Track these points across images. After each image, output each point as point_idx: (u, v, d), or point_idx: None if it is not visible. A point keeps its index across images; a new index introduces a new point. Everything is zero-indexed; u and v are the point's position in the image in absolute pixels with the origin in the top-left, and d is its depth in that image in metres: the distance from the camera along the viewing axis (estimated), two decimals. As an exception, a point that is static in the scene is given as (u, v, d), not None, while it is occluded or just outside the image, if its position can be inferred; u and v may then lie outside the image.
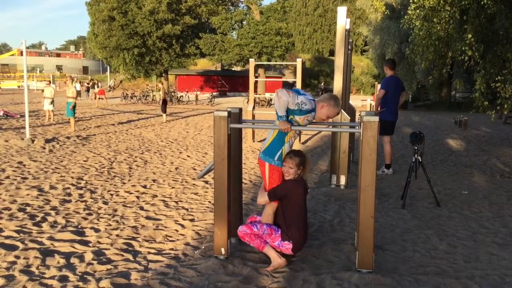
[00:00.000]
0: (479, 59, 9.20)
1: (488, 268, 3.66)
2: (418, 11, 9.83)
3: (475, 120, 19.08)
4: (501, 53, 8.86)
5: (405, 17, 10.86)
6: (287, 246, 3.59)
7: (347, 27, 6.47)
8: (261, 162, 3.73)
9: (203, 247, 4.00)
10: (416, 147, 5.76)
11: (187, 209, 5.29)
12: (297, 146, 9.77)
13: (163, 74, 37.61)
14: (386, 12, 27.33)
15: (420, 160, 5.78)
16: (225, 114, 3.60)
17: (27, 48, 10.50)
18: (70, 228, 4.50)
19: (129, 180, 6.82)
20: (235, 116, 3.84)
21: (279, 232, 3.63)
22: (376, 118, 3.34)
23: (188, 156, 9.28)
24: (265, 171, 3.71)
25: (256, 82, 13.62)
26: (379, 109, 7.51)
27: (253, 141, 11.40)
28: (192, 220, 4.85)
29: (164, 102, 17.42)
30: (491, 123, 17.58)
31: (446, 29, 9.41)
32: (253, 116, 10.78)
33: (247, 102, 15.14)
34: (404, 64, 27.52)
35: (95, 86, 32.12)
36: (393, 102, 7.52)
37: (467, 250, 4.06)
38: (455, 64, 23.71)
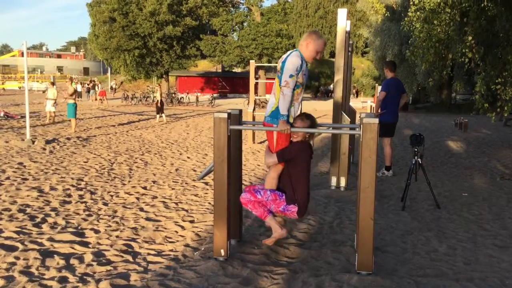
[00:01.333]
0: (479, 61, 9.20)
1: (487, 270, 3.66)
2: (418, 13, 9.84)
3: (475, 122, 19.07)
4: (501, 55, 8.86)
5: (406, 19, 10.87)
6: (293, 210, 3.60)
7: (348, 29, 6.48)
8: (268, 125, 3.68)
9: (202, 249, 4.00)
10: (416, 149, 5.76)
11: (187, 211, 5.29)
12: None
13: (164, 76, 37.63)
14: (386, 14, 27.37)
15: (420, 162, 5.77)
16: (225, 115, 3.60)
17: (28, 49, 10.52)
18: (70, 229, 4.50)
19: (129, 181, 6.82)
20: (235, 117, 3.85)
21: (284, 197, 3.63)
22: (376, 120, 3.34)
23: (188, 157, 9.28)
24: (272, 133, 3.67)
25: (256, 84, 13.65)
26: (379, 111, 7.51)
27: (253, 143, 11.41)
28: (192, 222, 4.85)
29: (161, 104, 17.65)
30: (492, 125, 17.57)
31: (447, 31, 9.41)
32: (253, 117, 10.79)
33: (248, 104, 15.15)
34: (405, 66, 27.52)
35: (96, 87, 32.13)
36: (394, 104, 7.52)
37: (467, 252, 4.06)
38: (455, 66, 23.70)
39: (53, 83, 17.73)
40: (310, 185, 3.77)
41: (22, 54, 10.83)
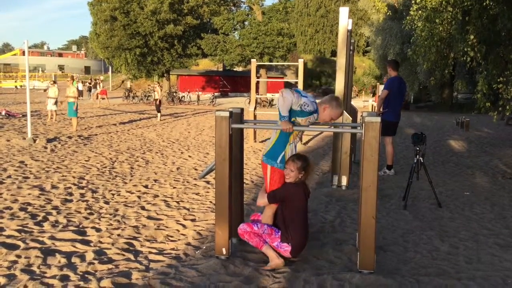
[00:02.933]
0: (481, 60, 9.18)
1: (489, 269, 3.65)
2: (420, 12, 9.83)
3: (477, 121, 19.05)
4: (503, 54, 8.85)
5: (407, 18, 10.85)
6: (286, 249, 3.58)
7: (349, 27, 6.46)
8: (264, 164, 3.73)
9: (204, 247, 4.00)
10: (417, 148, 5.75)
11: (188, 209, 5.29)
12: (299, 146, 9.75)
13: (165, 74, 37.60)
14: (388, 13, 27.35)
15: (422, 161, 5.76)
16: (227, 114, 3.60)
17: (29, 48, 10.51)
18: (71, 228, 4.50)
19: (130, 180, 6.82)
20: (237, 116, 3.84)
21: (279, 233, 3.62)
22: (378, 119, 3.33)
23: (189, 156, 9.28)
24: (266, 173, 3.71)
25: (257, 83, 13.63)
26: (381, 109, 7.50)
27: (255, 142, 11.40)
28: (193, 220, 4.85)
29: (159, 102, 17.79)
30: (493, 124, 17.54)
31: (448, 30, 9.40)
32: (255, 116, 10.78)
33: (249, 103, 15.14)
34: (406, 65, 27.50)
35: (97, 86, 32.09)
36: (396, 103, 7.50)
37: (469, 251, 4.05)
38: (457, 65, 23.68)
39: (54, 82, 17.76)
40: (308, 224, 3.73)
41: (24, 53, 10.84)
